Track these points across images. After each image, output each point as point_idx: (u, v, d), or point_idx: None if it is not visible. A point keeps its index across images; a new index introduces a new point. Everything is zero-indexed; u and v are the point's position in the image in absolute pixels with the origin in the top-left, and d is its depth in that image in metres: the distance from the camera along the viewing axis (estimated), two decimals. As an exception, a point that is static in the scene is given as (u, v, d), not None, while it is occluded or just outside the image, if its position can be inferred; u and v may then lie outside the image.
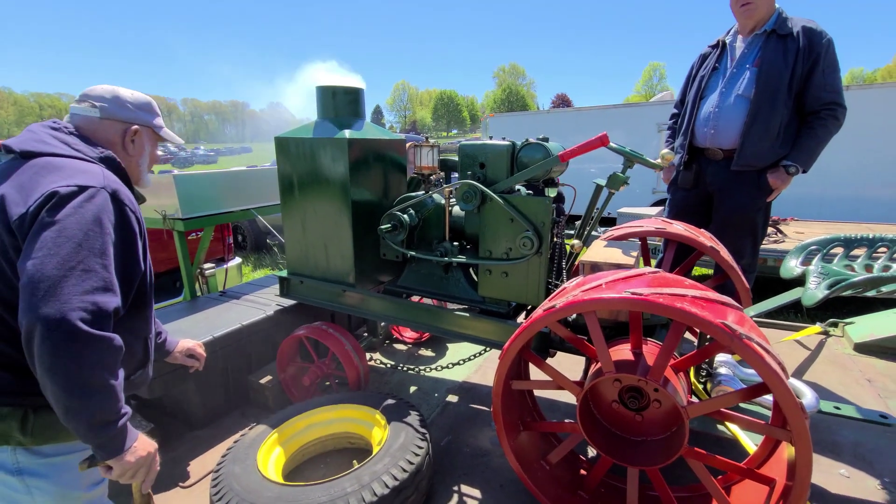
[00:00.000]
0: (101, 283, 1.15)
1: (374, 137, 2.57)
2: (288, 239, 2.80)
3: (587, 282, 1.66)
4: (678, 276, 1.63)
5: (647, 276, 1.63)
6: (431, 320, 2.43)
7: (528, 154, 2.15)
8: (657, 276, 1.62)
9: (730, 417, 1.58)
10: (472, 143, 2.26)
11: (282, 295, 2.89)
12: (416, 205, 2.49)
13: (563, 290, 1.75)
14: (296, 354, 2.77)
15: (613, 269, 1.82)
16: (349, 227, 2.51)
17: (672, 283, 1.56)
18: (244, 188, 3.47)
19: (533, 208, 2.08)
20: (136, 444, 1.25)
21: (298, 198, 2.65)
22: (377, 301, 2.57)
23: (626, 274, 1.66)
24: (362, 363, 2.57)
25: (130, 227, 1.28)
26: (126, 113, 1.43)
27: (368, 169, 2.56)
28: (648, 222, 2.52)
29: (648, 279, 1.59)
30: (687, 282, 1.62)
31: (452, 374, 3.06)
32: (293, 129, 2.70)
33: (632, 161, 2.24)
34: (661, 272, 1.68)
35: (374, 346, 3.43)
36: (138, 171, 1.47)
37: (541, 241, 2.06)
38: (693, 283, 1.60)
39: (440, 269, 2.50)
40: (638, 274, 1.65)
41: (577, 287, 1.66)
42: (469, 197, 2.19)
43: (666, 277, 1.61)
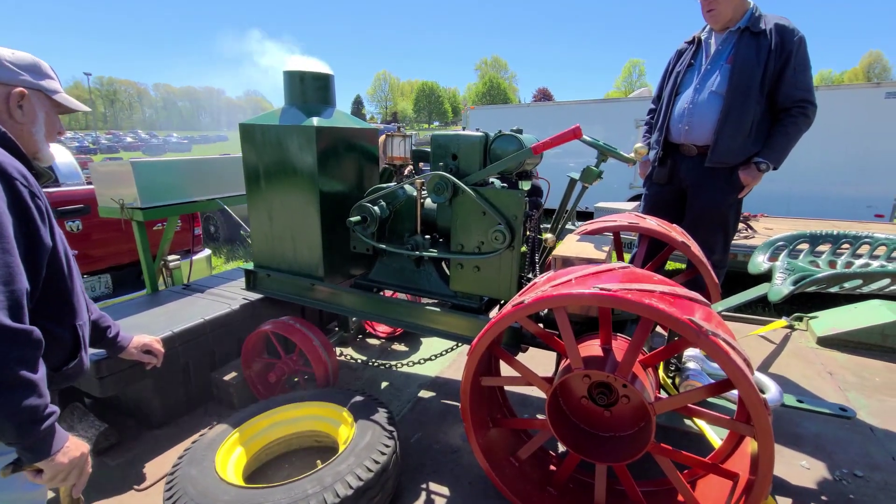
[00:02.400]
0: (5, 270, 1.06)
1: (344, 126, 2.51)
2: (254, 230, 2.72)
3: (557, 277, 1.65)
4: (648, 272, 1.62)
5: (617, 271, 1.62)
6: (402, 315, 2.40)
7: (501, 146, 2.10)
8: (627, 272, 1.61)
9: (696, 413, 1.58)
10: (445, 133, 2.22)
11: (248, 288, 2.81)
12: (386, 196, 2.44)
13: (533, 285, 1.72)
14: (262, 350, 2.69)
15: (584, 264, 1.82)
16: (317, 218, 2.46)
17: (641, 278, 1.55)
18: (210, 177, 3.35)
19: (505, 201, 2.04)
20: (67, 445, 1.17)
21: (264, 187, 2.58)
22: (347, 295, 2.52)
23: (596, 269, 1.65)
24: (331, 359, 2.51)
25: (24, 204, 1.16)
26: (6, 74, 1.27)
27: (338, 158, 2.49)
28: (622, 217, 2.53)
29: (619, 274, 1.58)
30: (656, 277, 1.61)
31: (425, 370, 3.02)
32: (260, 115, 2.62)
33: (605, 155, 2.24)
34: (631, 267, 1.67)
35: (345, 340, 3.37)
36: (33, 141, 1.32)
37: (513, 234, 2.03)
38: (662, 279, 1.59)
39: (412, 263, 2.45)
40: (608, 269, 1.64)
41: (547, 282, 1.64)
42: (440, 189, 2.15)
43: (636, 273, 1.60)
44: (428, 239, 2.32)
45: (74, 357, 1.42)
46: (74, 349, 1.41)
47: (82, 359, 1.45)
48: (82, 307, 1.46)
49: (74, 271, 1.45)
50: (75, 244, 3.84)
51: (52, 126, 1.39)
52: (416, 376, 2.95)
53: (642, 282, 1.51)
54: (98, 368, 2.14)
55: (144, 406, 2.48)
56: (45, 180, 1.40)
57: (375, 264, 2.58)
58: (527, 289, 1.73)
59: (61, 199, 3.72)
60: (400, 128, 2.55)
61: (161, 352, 2.15)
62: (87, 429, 2.30)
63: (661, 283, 1.55)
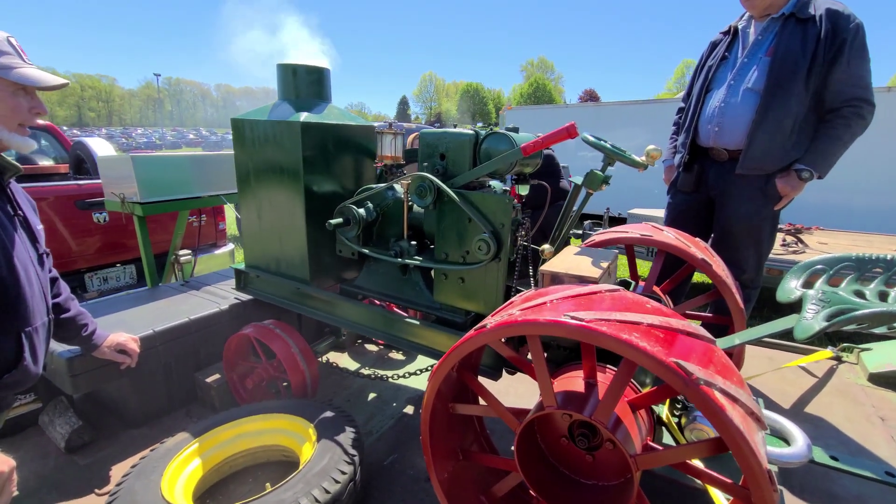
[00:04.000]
0: None
1: (335, 122, 2.40)
2: (245, 229, 2.66)
3: (534, 297, 1.49)
4: (640, 298, 1.38)
5: (603, 294, 1.40)
6: (384, 326, 2.26)
7: (491, 145, 1.93)
8: (617, 296, 1.41)
9: (691, 471, 1.31)
10: (434, 130, 2.07)
11: (238, 289, 2.75)
12: (374, 198, 2.31)
13: (510, 304, 1.55)
14: (246, 353, 2.61)
15: (573, 283, 1.68)
16: (303, 219, 2.36)
17: (630, 305, 1.33)
18: (213, 172, 3.34)
19: (492, 207, 1.88)
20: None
21: (254, 185, 2.52)
22: (331, 302, 2.41)
23: (579, 291, 1.45)
24: (309, 368, 2.39)
25: None
26: None
27: (328, 156, 2.39)
28: (635, 227, 2.30)
29: (604, 299, 1.39)
30: (650, 305, 1.37)
31: (417, 382, 2.86)
32: (252, 109, 2.55)
33: (611, 158, 1.98)
34: (621, 291, 1.43)
35: (342, 346, 3.27)
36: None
37: (499, 245, 1.87)
38: (657, 308, 1.34)
39: (398, 270, 2.31)
40: (593, 292, 1.42)
41: (522, 303, 1.49)
42: (423, 192, 1.98)
43: (625, 298, 1.37)
44: (414, 245, 2.19)
45: (16, 366, 1.32)
46: (17, 357, 1.32)
47: (26, 367, 1.36)
48: (35, 312, 1.36)
49: (33, 276, 1.36)
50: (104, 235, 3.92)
51: (17, 109, 1.25)
52: (407, 389, 2.80)
53: (630, 310, 1.31)
54: (70, 366, 2.10)
55: (122, 405, 2.44)
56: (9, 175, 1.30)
57: (363, 270, 2.46)
58: (504, 307, 1.60)
59: (90, 191, 3.82)
60: (392, 125, 2.39)
61: (136, 351, 2.07)
62: (63, 425, 2.27)
63: (655, 312, 1.32)
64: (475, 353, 1.74)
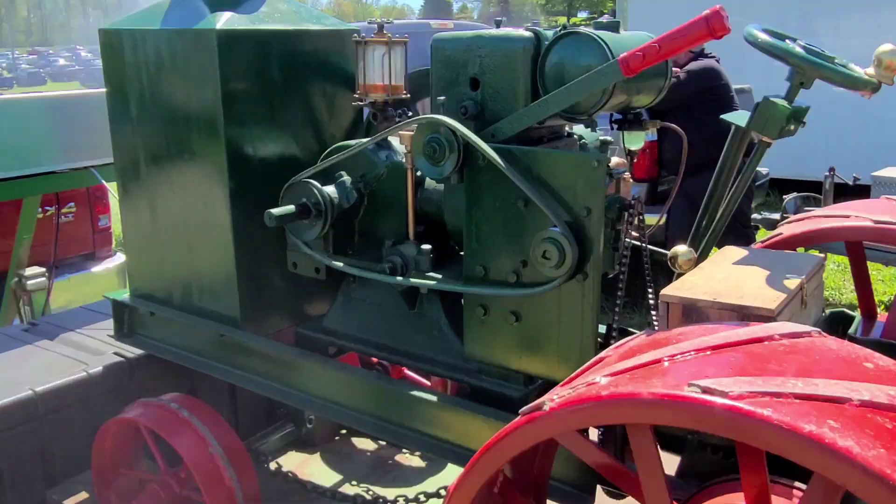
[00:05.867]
0: None
1: (280, 28, 2.47)
2: (127, 229, 2.77)
3: (644, 349, 1.53)
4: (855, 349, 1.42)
5: (778, 344, 1.43)
6: (376, 406, 2.29)
7: (566, 57, 1.96)
8: (807, 348, 1.42)
9: None
10: (459, 34, 2.11)
11: (117, 336, 2.87)
12: (352, 165, 2.35)
13: (598, 362, 1.64)
14: (132, 456, 2.73)
15: (728, 320, 1.68)
16: (226, 208, 2.44)
17: (835, 366, 1.36)
18: (87, 127, 3.49)
19: (567, 176, 1.89)
20: None
21: (141, 151, 2.61)
22: (282, 360, 2.47)
23: (731, 337, 1.45)
24: (243, 484, 2.45)
25: None
26: None
27: (270, 92, 2.47)
28: (869, 208, 2.33)
29: (782, 354, 1.39)
30: (877, 362, 1.35)
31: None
32: (137, 11, 2.69)
33: (805, 73, 1.97)
34: (818, 337, 1.45)
35: (309, 441, 3.35)
36: None
37: (584, 249, 1.87)
38: (886, 369, 1.32)
39: (400, 300, 2.35)
40: (757, 338, 1.44)
41: (622, 359, 1.53)
42: (437, 151, 2.01)
43: (824, 352, 1.41)
44: (427, 250, 2.23)
45: None
46: None
47: None
48: None
49: None
50: None
51: None
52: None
53: (833, 375, 1.30)
54: None
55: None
56: None
57: (336, 299, 2.52)
58: (585, 368, 1.63)
59: None
60: (382, 26, 2.40)
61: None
62: None
63: (886, 378, 1.30)
64: (537, 460, 1.75)
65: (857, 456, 1.06)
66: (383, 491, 2.94)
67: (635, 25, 10.20)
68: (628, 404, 1.27)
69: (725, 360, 1.34)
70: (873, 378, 1.26)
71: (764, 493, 1.43)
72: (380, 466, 3.22)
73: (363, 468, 3.21)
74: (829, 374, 1.27)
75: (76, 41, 47.84)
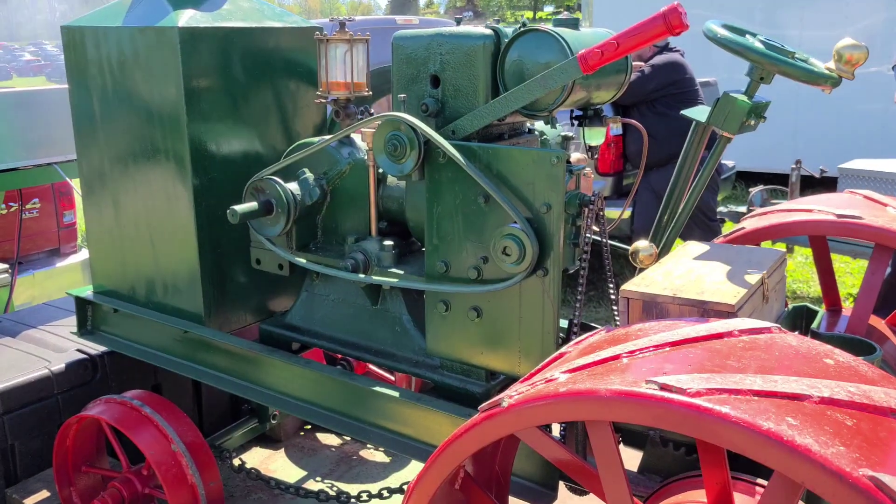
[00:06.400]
0: None
1: (243, 25, 2.44)
2: (91, 225, 2.73)
3: (602, 346, 1.50)
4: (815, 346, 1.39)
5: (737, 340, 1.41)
6: (340, 402, 2.26)
7: (525, 54, 1.95)
8: (766, 344, 1.39)
9: None
10: (419, 32, 2.07)
11: (81, 333, 2.82)
12: (315, 162, 2.33)
13: (559, 358, 1.60)
14: (94, 454, 2.66)
15: (688, 316, 1.69)
16: (190, 205, 2.42)
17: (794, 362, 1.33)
18: (51, 122, 3.46)
19: (527, 172, 1.87)
20: None
21: (104, 148, 2.58)
22: (246, 356, 2.43)
23: (690, 333, 1.42)
24: (205, 480, 2.40)
25: None
26: None
27: (232, 88, 2.45)
28: (832, 201, 2.32)
29: (740, 350, 1.37)
30: (837, 358, 1.35)
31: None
32: (100, 8, 2.63)
33: (763, 67, 1.98)
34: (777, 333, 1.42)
35: (273, 436, 3.32)
36: None
37: (543, 244, 1.85)
38: (851, 367, 1.34)
39: (363, 296, 2.32)
40: (717, 334, 1.42)
41: (581, 355, 1.50)
42: (398, 149, 1.98)
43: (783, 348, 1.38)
44: (389, 246, 2.22)
45: None
46: None
47: None
48: None
49: None
50: None
51: None
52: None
53: (793, 371, 1.28)
54: None
55: None
56: None
57: (299, 296, 2.49)
58: (544, 365, 1.59)
59: None
60: (344, 23, 2.36)
61: None
62: None
63: (844, 375, 1.29)
64: (499, 456, 1.72)
65: (815, 454, 1.04)
66: (347, 487, 2.91)
67: (601, 21, 10.23)
68: (586, 401, 1.25)
69: (684, 356, 1.31)
70: (833, 375, 1.24)
71: (726, 490, 1.42)
72: (344, 462, 3.19)
73: (327, 464, 3.18)
74: (788, 370, 1.25)
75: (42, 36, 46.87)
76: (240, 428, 3.02)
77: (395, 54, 2.09)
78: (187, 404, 3.01)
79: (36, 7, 19.09)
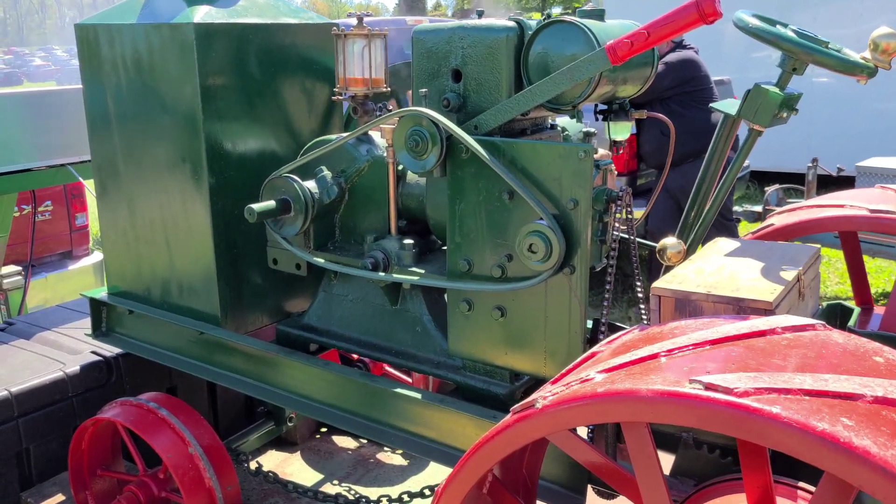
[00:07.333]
0: None
1: (259, 21, 2.42)
2: (105, 226, 2.72)
3: (638, 344, 1.46)
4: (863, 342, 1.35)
5: (781, 338, 1.36)
6: (359, 405, 2.24)
7: (550, 46, 1.91)
8: (811, 341, 1.35)
9: None
10: (439, 25, 2.06)
11: (95, 334, 2.81)
12: (333, 160, 2.31)
13: (591, 358, 1.56)
14: (110, 457, 2.64)
15: (724, 314, 1.63)
16: (206, 205, 2.40)
17: (842, 360, 1.30)
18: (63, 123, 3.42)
19: (553, 168, 1.84)
20: None
21: (119, 148, 2.57)
22: (263, 358, 2.42)
23: (730, 331, 1.38)
24: (223, 484, 2.38)
25: None
26: None
27: (248, 86, 2.43)
28: (861, 197, 2.29)
29: (784, 348, 1.32)
30: (886, 354, 1.31)
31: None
32: (114, 6, 2.62)
33: (797, 57, 1.94)
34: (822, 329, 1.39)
35: (289, 439, 3.29)
36: None
37: (570, 241, 1.82)
38: None
39: (382, 295, 2.30)
40: (759, 332, 1.37)
41: (615, 355, 1.45)
42: (420, 145, 1.95)
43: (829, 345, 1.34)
44: (410, 244, 2.20)
45: None
46: None
47: None
48: None
49: None
50: None
51: None
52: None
53: (841, 369, 1.24)
54: None
55: None
56: None
57: (316, 296, 2.47)
58: (576, 365, 1.56)
59: None
60: (361, 18, 2.33)
61: None
62: None
63: (894, 371, 1.25)
64: (527, 459, 1.69)
65: (875, 456, 0.99)
66: (365, 490, 2.89)
67: (612, 17, 10.24)
68: (626, 402, 1.20)
69: (726, 354, 1.27)
70: (884, 373, 1.20)
71: (768, 494, 1.38)
72: (361, 465, 3.16)
73: (344, 467, 3.15)
74: (836, 368, 1.20)
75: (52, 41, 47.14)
76: (256, 430, 3.00)
77: (415, 48, 2.06)
78: (202, 406, 2.99)
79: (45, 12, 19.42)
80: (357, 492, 2.86)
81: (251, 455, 2.89)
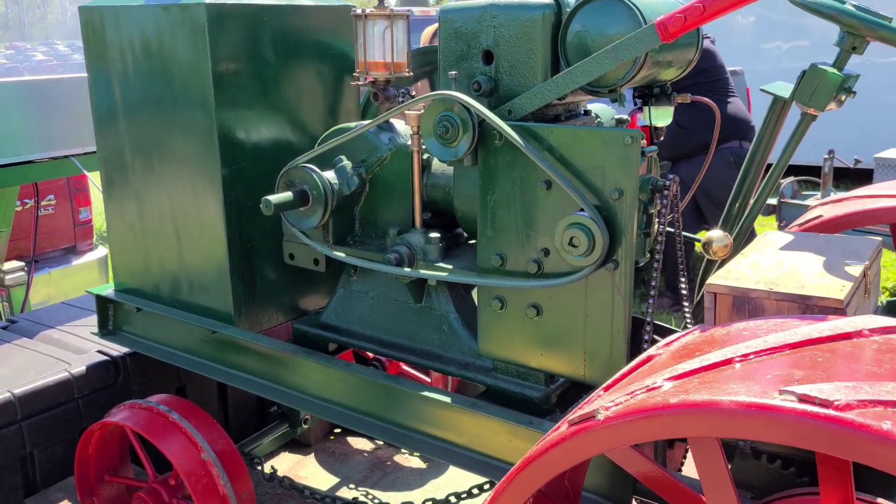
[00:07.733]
0: None
1: (272, 3, 2.36)
2: (112, 220, 2.66)
3: (703, 348, 1.36)
4: None
5: (866, 341, 1.27)
6: (379, 407, 2.18)
7: (590, 25, 1.84)
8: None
9: None
10: (468, 4, 1.97)
11: (101, 333, 2.75)
12: (353, 149, 2.24)
13: (646, 363, 1.48)
14: (118, 462, 2.59)
15: (789, 313, 1.55)
16: (218, 198, 2.34)
17: None
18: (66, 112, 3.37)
19: (595, 155, 1.77)
20: None
21: (126, 138, 2.52)
22: (278, 358, 2.36)
23: (811, 333, 1.28)
24: (237, 489, 2.31)
25: None
26: None
27: (263, 71, 2.38)
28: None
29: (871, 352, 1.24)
30: None
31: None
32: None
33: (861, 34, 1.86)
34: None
35: (304, 441, 3.25)
36: None
37: (614, 235, 1.75)
38: None
39: (406, 293, 2.24)
40: (842, 335, 1.28)
41: (677, 360, 1.35)
42: (449, 131, 1.87)
43: None
44: (436, 238, 2.14)
45: None
46: None
47: None
48: None
49: None
50: None
51: None
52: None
53: None
54: None
55: None
56: None
57: (335, 293, 2.41)
58: (629, 370, 1.47)
59: None
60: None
61: None
62: None
63: None
64: (571, 471, 1.55)
65: None
66: (384, 495, 2.85)
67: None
68: (705, 415, 1.10)
69: (811, 360, 1.17)
70: None
71: None
72: (378, 468, 3.11)
73: (361, 470, 3.10)
74: None
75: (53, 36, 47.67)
76: (270, 433, 2.95)
77: (443, 28, 1.99)
78: (213, 408, 2.94)
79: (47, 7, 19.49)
80: (375, 496, 2.82)
81: (264, 458, 2.83)
